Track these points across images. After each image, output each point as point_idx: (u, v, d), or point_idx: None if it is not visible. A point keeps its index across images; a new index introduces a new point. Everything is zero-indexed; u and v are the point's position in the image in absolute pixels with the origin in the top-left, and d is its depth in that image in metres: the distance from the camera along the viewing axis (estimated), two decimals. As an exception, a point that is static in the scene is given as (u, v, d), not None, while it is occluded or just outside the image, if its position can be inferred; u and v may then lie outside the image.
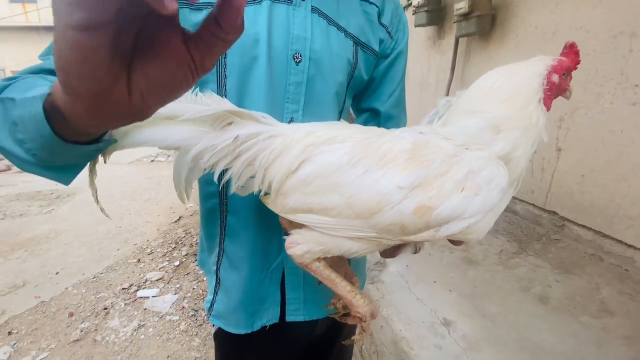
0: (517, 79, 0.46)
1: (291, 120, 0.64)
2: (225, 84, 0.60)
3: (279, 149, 0.48)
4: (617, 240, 1.75)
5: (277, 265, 0.69)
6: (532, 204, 2.24)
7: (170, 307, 2.35)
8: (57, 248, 3.13)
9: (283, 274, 0.70)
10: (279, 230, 0.59)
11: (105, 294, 2.48)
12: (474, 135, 0.45)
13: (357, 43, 0.68)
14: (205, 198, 0.69)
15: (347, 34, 0.66)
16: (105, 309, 2.33)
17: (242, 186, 0.52)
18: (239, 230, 0.67)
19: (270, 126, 0.50)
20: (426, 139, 0.45)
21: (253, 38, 0.58)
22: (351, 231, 0.45)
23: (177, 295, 2.47)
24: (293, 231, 0.51)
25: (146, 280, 2.64)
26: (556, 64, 0.46)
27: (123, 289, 2.53)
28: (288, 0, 0.60)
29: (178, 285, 2.59)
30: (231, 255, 0.68)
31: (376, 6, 0.70)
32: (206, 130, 0.47)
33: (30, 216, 3.84)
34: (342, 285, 0.51)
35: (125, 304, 2.38)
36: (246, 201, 0.62)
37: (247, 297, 0.69)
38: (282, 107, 0.63)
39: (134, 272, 2.75)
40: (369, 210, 0.43)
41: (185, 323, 2.21)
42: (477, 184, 0.41)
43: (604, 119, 1.76)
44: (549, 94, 0.46)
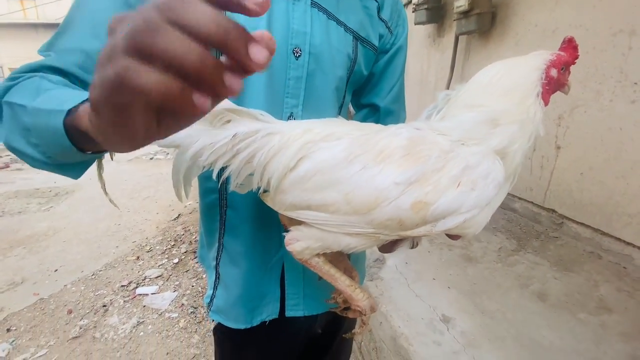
0: (516, 73, 0.46)
1: (291, 115, 0.63)
2: None
3: (277, 146, 0.48)
4: (616, 238, 1.75)
5: (277, 261, 0.69)
6: (531, 202, 2.25)
7: (170, 305, 2.35)
8: (56, 245, 3.13)
9: (283, 269, 0.70)
10: (279, 226, 0.59)
11: (104, 291, 2.48)
12: (471, 129, 0.45)
13: (357, 38, 0.68)
14: (205, 193, 0.69)
15: (347, 28, 0.66)
16: (104, 306, 2.33)
17: (241, 184, 0.52)
18: (239, 225, 0.67)
19: (268, 124, 0.50)
20: (422, 135, 0.45)
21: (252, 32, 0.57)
22: (349, 227, 0.45)
23: (176, 293, 2.48)
24: (292, 228, 0.51)
25: (145, 278, 2.64)
26: (555, 58, 0.46)
27: (122, 286, 2.53)
28: None
29: (177, 283, 2.59)
30: (231, 250, 0.69)
31: (376, 1, 0.70)
32: (205, 128, 0.47)
33: (29, 214, 3.84)
34: (342, 280, 0.52)
35: (124, 301, 2.38)
36: (246, 196, 0.62)
37: (247, 292, 0.69)
38: (282, 102, 0.62)
39: (133, 270, 2.75)
40: (366, 206, 0.43)
41: (184, 320, 2.21)
42: (473, 179, 0.41)
43: (603, 117, 1.76)
44: (547, 88, 0.46)
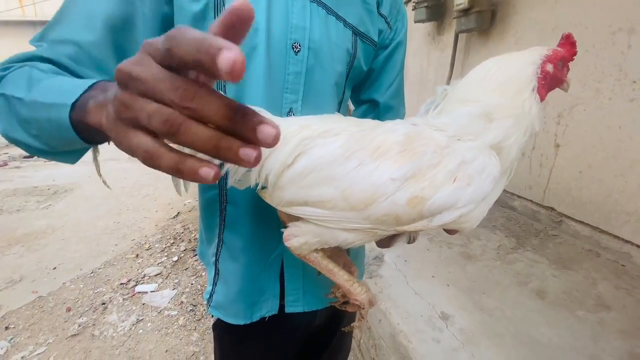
0: (511, 67, 0.46)
1: (290, 110, 0.63)
2: None
3: (275, 143, 0.48)
4: (614, 236, 1.76)
5: (276, 256, 0.69)
6: (530, 200, 2.25)
7: (169, 302, 2.35)
8: (55, 243, 3.13)
9: (282, 265, 0.70)
10: (278, 222, 0.59)
11: (104, 289, 2.48)
12: (467, 124, 0.45)
13: (356, 33, 0.67)
14: (205, 189, 0.69)
15: (346, 23, 0.66)
16: (104, 304, 2.33)
17: (240, 180, 0.52)
18: (239, 221, 0.67)
19: None
20: (418, 130, 0.45)
21: (252, 27, 0.57)
22: (346, 223, 0.45)
23: (176, 291, 2.48)
24: (290, 224, 0.51)
25: (144, 276, 2.64)
26: (551, 53, 0.46)
27: (121, 284, 2.53)
28: None
29: (176, 281, 2.59)
30: (230, 246, 0.68)
31: None
32: None
33: (28, 211, 3.83)
34: (340, 275, 0.52)
35: (123, 299, 2.38)
36: (246, 192, 0.62)
37: (247, 288, 0.69)
38: (281, 98, 0.62)
39: (132, 268, 2.75)
40: (363, 202, 0.43)
41: (183, 318, 2.21)
42: (469, 174, 0.41)
43: (602, 115, 1.76)
44: (542, 83, 0.46)
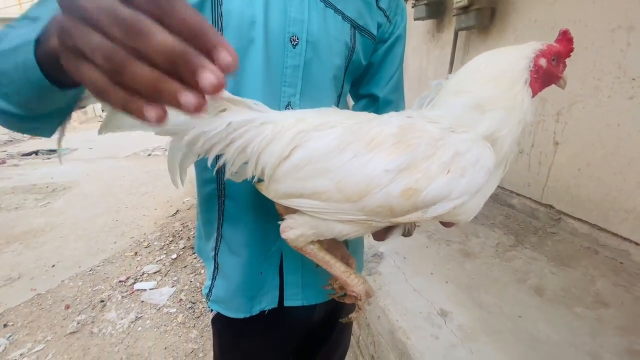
0: (504, 60, 0.47)
1: (289, 104, 0.63)
2: None
3: (271, 135, 0.48)
4: (613, 234, 1.76)
5: (276, 250, 0.69)
6: (529, 198, 2.25)
7: (168, 300, 2.35)
8: (53, 241, 3.12)
9: (281, 259, 0.70)
10: (277, 216, 0.59)
11: (102, 287, 2.48)
12: (460, 117, 0.45)
13: (355, 27, 0.67)
14: (203, 184, 0.69)
15: (345, 17, 0.65)
16: (102, 301, 2.33)
17: (236, 172, 0.52)
18: (237, 215, 0.67)
19: (262, 113, 0.50)
20: (412, 122, 0.45)
21: (249, 20, 0.56)
22: (342, 214, 0.45)
23: (175, 288, 2.48)
24: (287, 216, 0.51)
25: (143, 273, 2.64)
26: (545, 48, 0.47)
27: (120, 281, 2.53)
28: None
29: (175, 278, 2.59)
30: (229, 240, 0.68)
31: None
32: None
33: (26, 209, 3.83)
34: (337, 267, 0.52)
35: (122, 296, 2.39)
36: (244, 186, 0.62)
37: (246, 281, 0.69)
38: (279, 91, 0.62)
39: (131, 265, 2.75)
40: (357, 193, 0.43)
41: (182, 315, 2.21)
42: (463, 165, 0.41)
43: (601, 113, 1.76)
44: (535, 76, 0.46)
